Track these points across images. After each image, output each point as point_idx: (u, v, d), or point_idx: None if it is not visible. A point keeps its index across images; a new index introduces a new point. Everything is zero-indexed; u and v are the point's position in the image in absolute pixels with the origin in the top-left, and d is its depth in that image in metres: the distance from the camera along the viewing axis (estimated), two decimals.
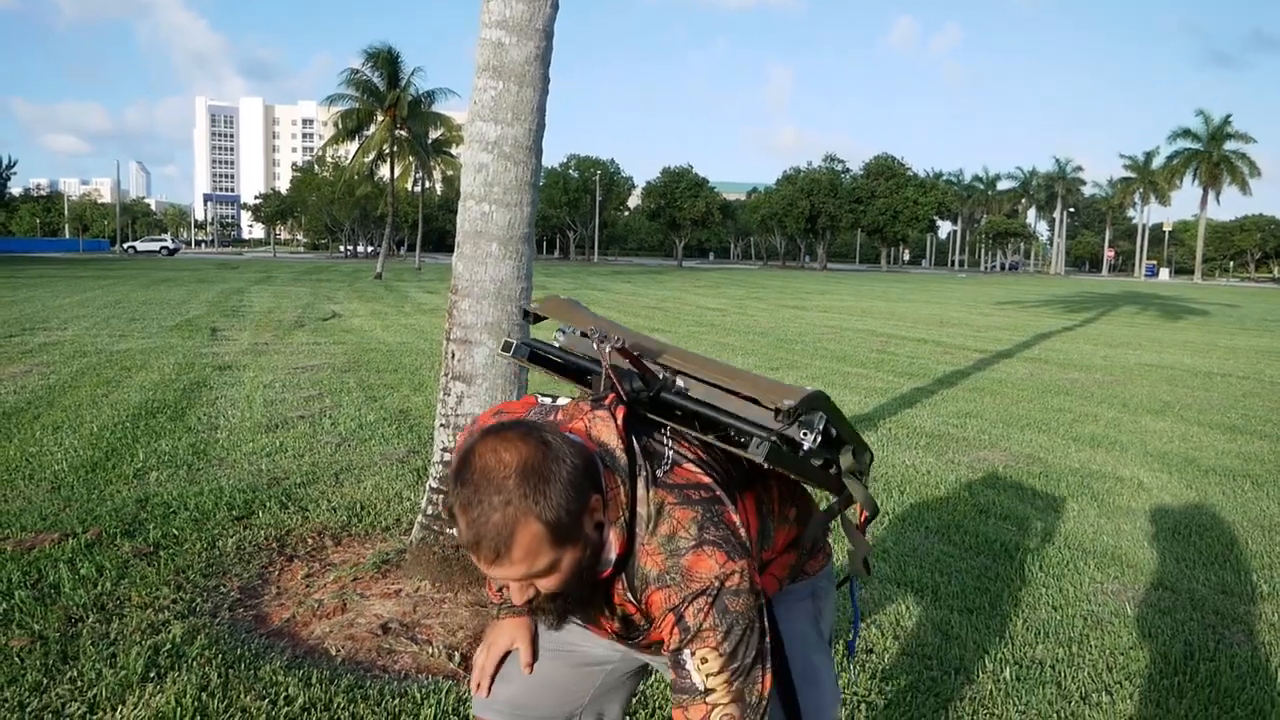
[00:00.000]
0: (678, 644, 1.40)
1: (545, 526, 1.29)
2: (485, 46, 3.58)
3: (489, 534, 1.27)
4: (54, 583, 3.64)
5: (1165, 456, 6.88)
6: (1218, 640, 3.57)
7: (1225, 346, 16.56)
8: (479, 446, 1.32)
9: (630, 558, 1.42)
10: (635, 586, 1.43)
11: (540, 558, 1.30)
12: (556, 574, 1.34)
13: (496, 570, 1.32)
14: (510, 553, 1.28)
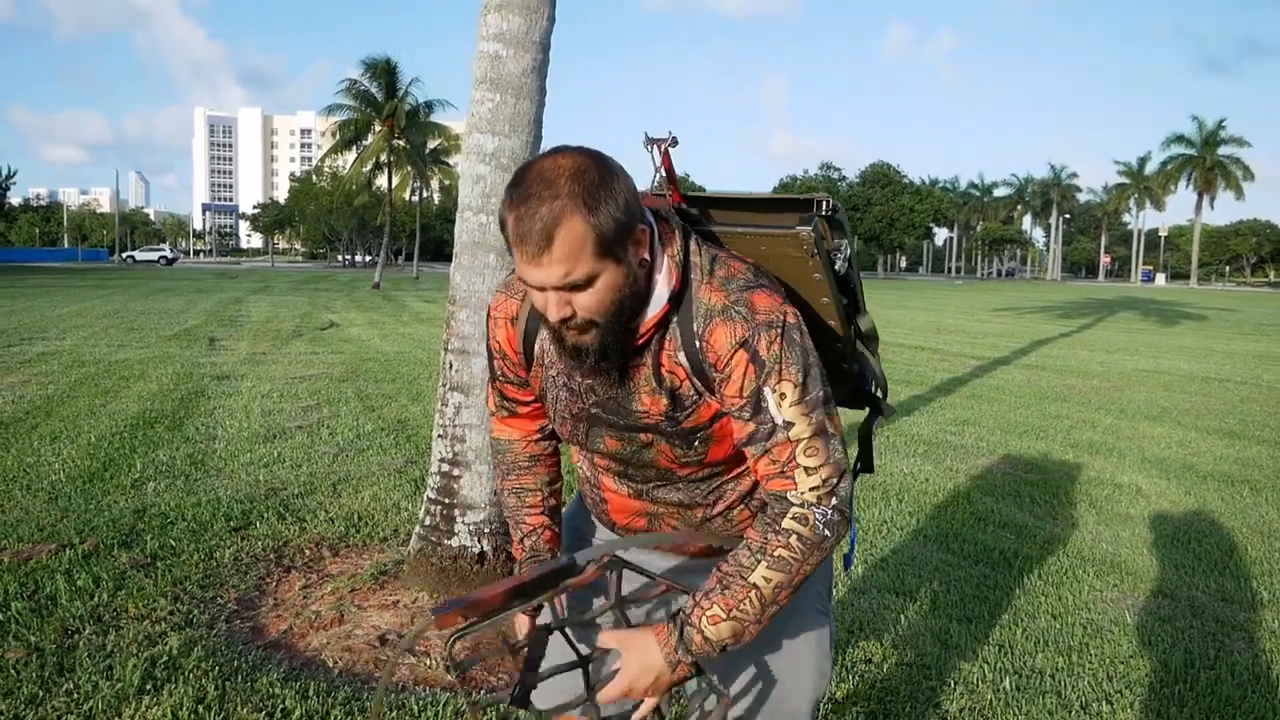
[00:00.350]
0: (754, 383, 1.37)
1: (591, 229, 1.27)
2: (483, 59, 3.58)
3: (535, 225, 1.26)
4: (51, 594, 3.63)
5: (1163, 462, 6.88)
6: (1218, 648, 3.57)
7: (1222, 351, 16.58)
8: (539, 158, 1.33)
9: (685, 291, 1.41)
10: (694, 332, 1.40)
11: (581, 263, 1.29)
12: (595, 291, 1.32)
13: (537, 271, 1.29)
14: (552, 247, 1.27)
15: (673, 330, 1.42)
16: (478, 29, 3.60)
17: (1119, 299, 40.99)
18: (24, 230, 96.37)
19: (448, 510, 3.68)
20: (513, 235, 1.30)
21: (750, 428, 1.39)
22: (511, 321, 1.56)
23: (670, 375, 1.44)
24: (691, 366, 1.42)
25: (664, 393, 1.45)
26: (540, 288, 1.32)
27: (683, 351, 1.42)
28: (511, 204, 1.29)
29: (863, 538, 4.80)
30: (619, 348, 1.40)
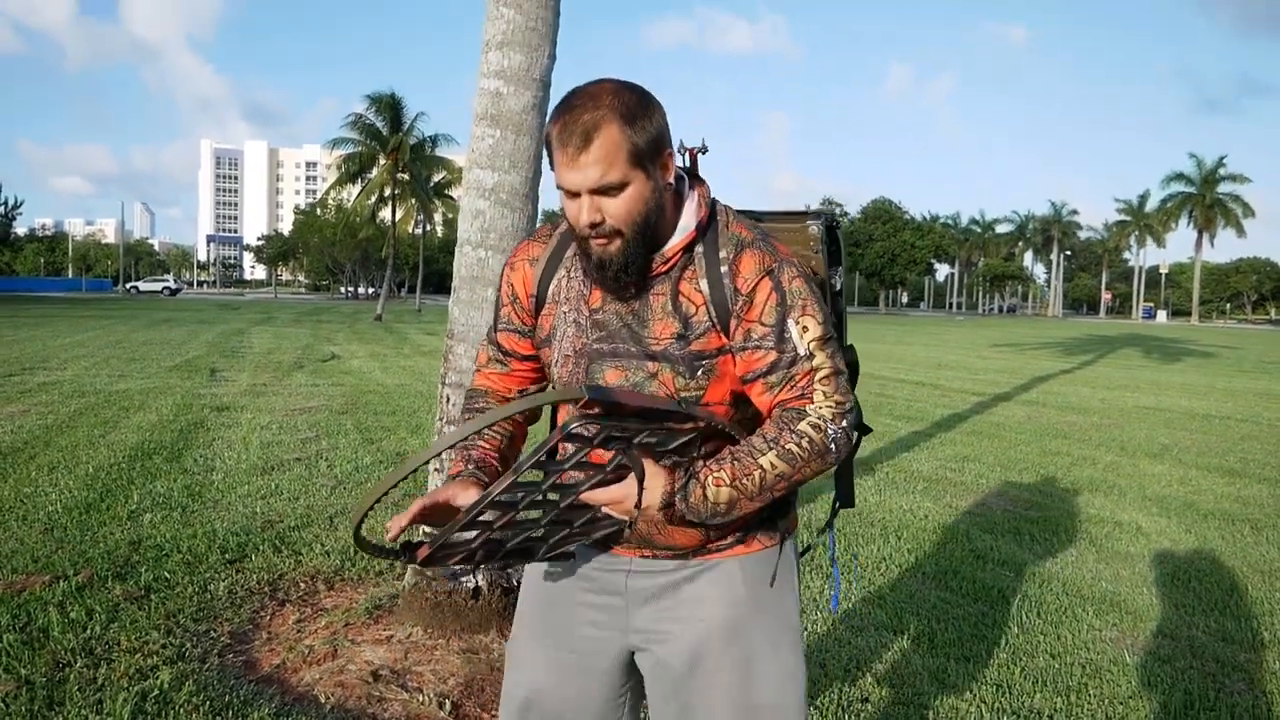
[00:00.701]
0: (777, 312, 1.48)
1: (626, 138, 1.40)
2: (484, 96, 3.62)
3: (577, 129, 1.39)
4: (43, 626, 3.61)
5: (1164, 500, 6.85)
6: (1218, 689, 3.54)
7: (1223, 389, 16.56)
8: (587, 83, 1.46)
9: (713, 224, 1.54)
10: (719, 259, 1.51)
11: (614, 167, 1.40)
12: (624, 199, 1.43)
13: (575, 173, 1.41)
14: (590, 148, 1.39)
15: (697, 259, 1.53)
16: (479, 66, 3.64)
17: (1120, 335, 41.02)
18: (29, 260, 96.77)
19: None
20: (556, 141, 1.42)
21: (773, 356, 1.48)
22: (531, 262, 1.65)
23: (687, 302, 1.52)
24: (711, 293, 1.51)
25: (678, 319, 1.52)
26: (575, 191, 1.43)
27: (705, 279, 1.51)
28: (556, 115, 1.43)
29: (861, 574, 4.77)
30: (639, 264, 1.49)
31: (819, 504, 5.95)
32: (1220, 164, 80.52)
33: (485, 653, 3.48)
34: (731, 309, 1.50)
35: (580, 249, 1.51)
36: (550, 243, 1.65)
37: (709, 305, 1.51)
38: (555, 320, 1.61)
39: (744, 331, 1.50)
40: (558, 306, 1.61)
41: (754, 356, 1.49)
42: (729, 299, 1.50)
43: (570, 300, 1.59)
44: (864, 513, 6.07)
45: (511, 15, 3.55)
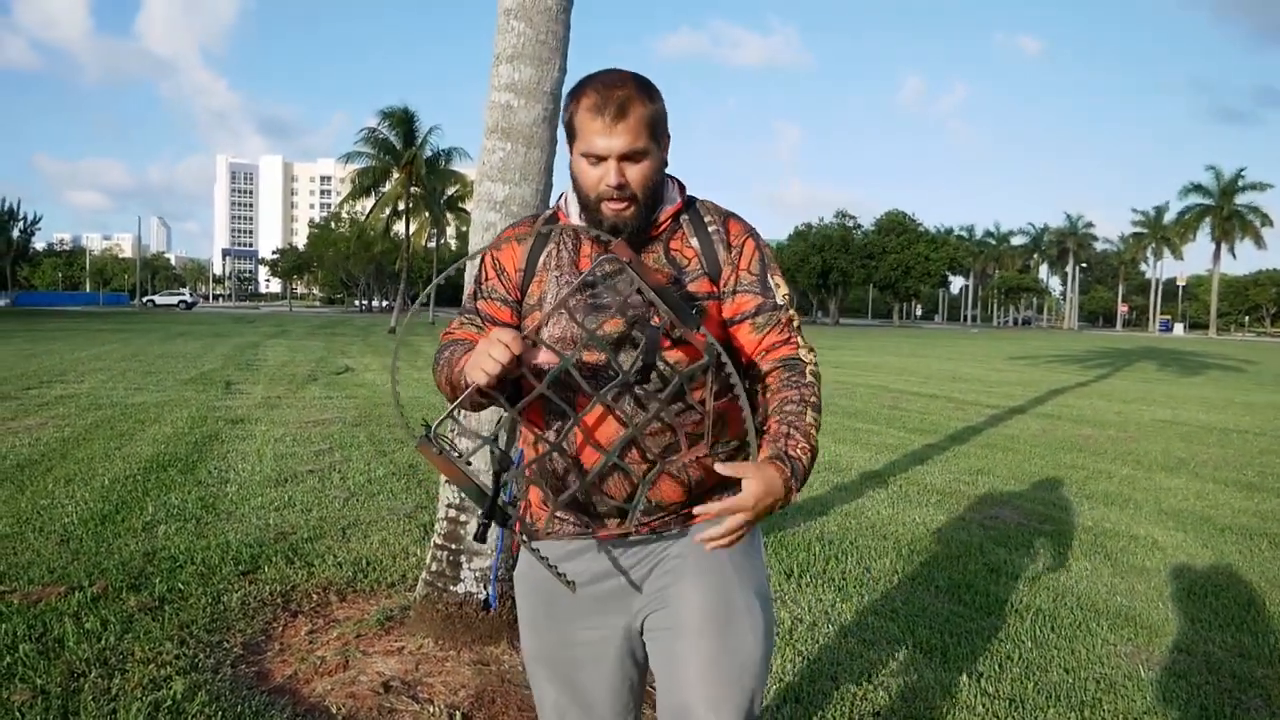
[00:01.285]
0: (761, 265, 1.77)
1: (649, 114, 1.65)
2: (494, 109, 3.65)
3: (614, 102, 1.62)
4: (58, 636, 3.63)
5: (1180, 515, 6.80)
6: (1234, 705, 3.50)
7: (1241, 402, 16.44)
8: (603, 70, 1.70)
9: (693, 201, 1.81)
10: (705, 223, 1.77)
11: (640, 138, 1.64)
12: (643, 167, 1.66)
13: (610, 139, 1.62)
14: (626, 119, 1.62)
15: (684, 224, 1.77)
16: (490, 79, 3.66)
17: (1137, 348, 40.78)
18: (47, 274, 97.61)
19: (454, 556, 3.67)
20: (589, 109, 1.63)
21: (759, 300, 1.75)
22: (519, 240, 1.82)
23: (679, 255, 1.75)
24: (703, 248, 1.76)
25: (671, 268, 1.74)
26: (605, 155, 1.63)
27: (695, 238, 1.76)
28: (588, 88, 1.65)
29: (873, 587, 4.75)
30: (643, 227, 1.71)
31: (824, 513, 5.93)
32: (1239, 176, 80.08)
33: (496, 664, 3.48)
34: (725, 259, 1.76)
35: (591, 215, 1.69)
36: (535, 225, 1.82)
37: (701, 257, 1.75)
38: (547, 285, 1.76)
39: (735, 278, 1.76)
40: (549, 274, 1.77)
41: (743, 299, 1.75)
42: (719, 253, 1.76)
43: (562, 267, 1.76)
44: (877, 526, 6.04)
45: (522, 29, 3.58)
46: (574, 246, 1.76)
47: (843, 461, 8.42)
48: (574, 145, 1.68)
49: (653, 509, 1.76)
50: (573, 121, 1.66)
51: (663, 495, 1.75)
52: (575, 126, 1.66)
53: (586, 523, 1.79)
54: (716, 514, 1.52)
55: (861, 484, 7.47)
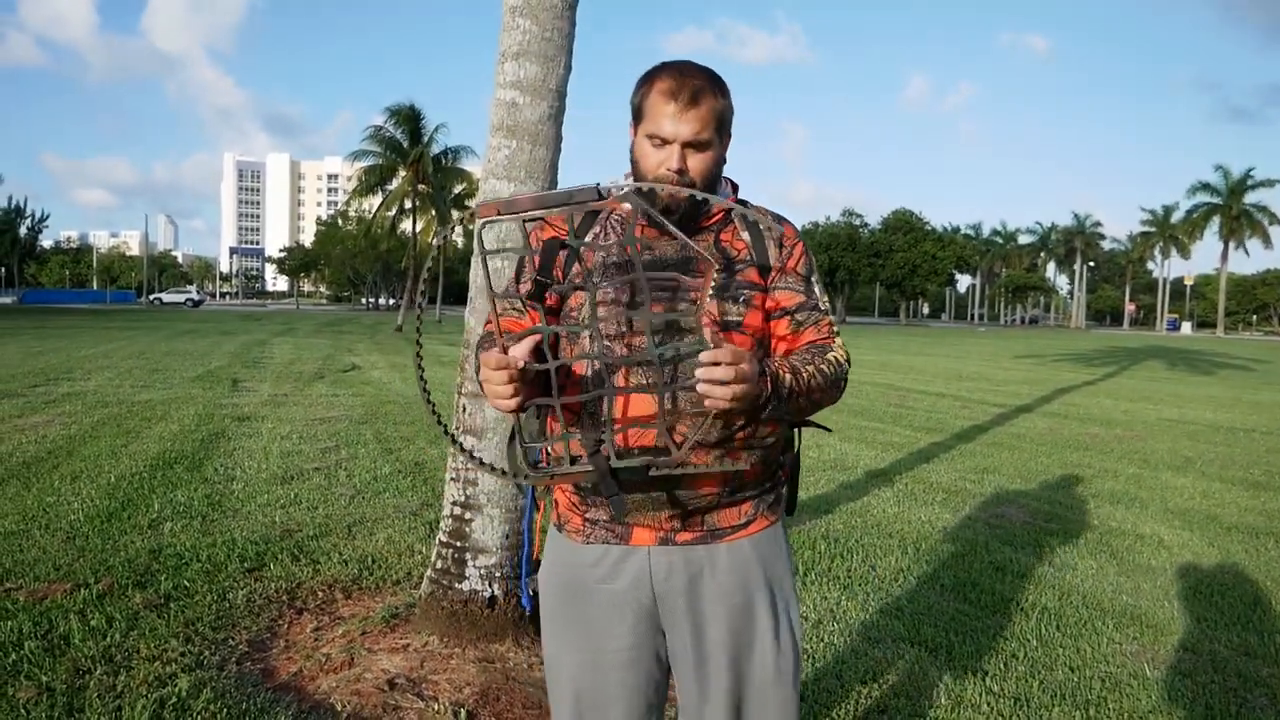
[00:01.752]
0: (808, 266, 1.82)
1: (720, 108, 1.69)
2: (499, 106, 3.65)
3: (689, 88, 1.66)
4: (64, 634, 3.64)
5: (1186, 513, 6.78)
6: (1240, 704, 3.49)
7: (1249, 401, 16.39)
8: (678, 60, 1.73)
9: (747, 202, 1.83)
10: (756, 220, 1.78)
11: (707, 128, 1.68)
12: (705, 157, 1.70)
13: (679, 124, 1.66)
14: (698, 107, 1.66)
15: (735, 219, 1.80)
16: (495, 77, 3.66)
17: (1144, 347, 40.67)
18: (54, 272, 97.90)
19: (459, 554, 3.68)
20: (663, 92, 1.67)
21: (802, 298, 1.79)
22: (566, 219, 1.78)
23: (730, 246, 1.78)
24: (753, 242, 1.79)
25: (722, 256, 1.77)
26: (671, 140, 1.67)
27: (746, 232, 1.80)
28: (663, 73, 1.70)
29: (878, 586, 4.75)
30: (694, 215, 1.74)
31: (830, 511, 5.93)
32: (1248, 175, 79.78)
33: (501, 662, 3.48)
34: (775, 256, 1.79)
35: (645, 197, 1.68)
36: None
37: (750, 249, 1.78)
38: (593, 265, 1.77)
39: (783, 275, 1.79)
40: (594, 254, 1.78)
41: (788, 295, 1.78)
42: (770, 249, 1.79)
43: (609, 248, 1.77)
44: (882, 524, 6.04)
45: (527, 26, 3.58)
46: (622, 229, 1.78)
47: (849, 460, 8.41)
48: (639, 127, 1.71)
49: (686, 499, 1.74)
50: (642, 104, 1.70)
51: (701, 484, 1.73)
52: (644, 109, 1.69)
53: (620, 533, 1.77)
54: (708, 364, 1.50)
55: (867, 482, 7.46)
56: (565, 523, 1.85)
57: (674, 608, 1.78)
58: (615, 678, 1.81)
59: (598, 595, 1.80)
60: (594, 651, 1.81)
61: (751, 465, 1.75)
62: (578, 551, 1.82)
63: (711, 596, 1.77)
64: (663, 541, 1.76)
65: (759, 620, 1.79)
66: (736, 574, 1.78)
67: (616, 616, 1.79)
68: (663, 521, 1.75)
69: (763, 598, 1.80)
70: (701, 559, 1.78)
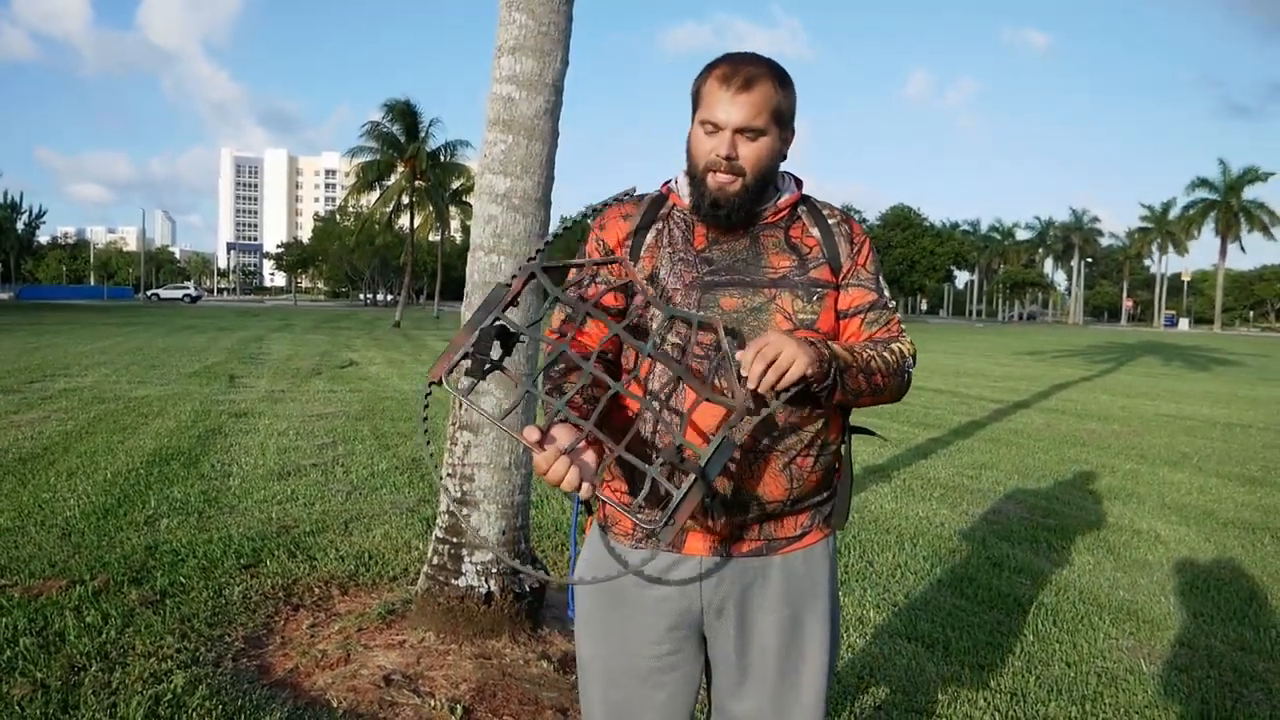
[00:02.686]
0: (875, 264, 1.80)
1: (776, 96, 1.65)
2: (496, 101, 3.63)
3: (743, 73, 1.63)
4: (59, 630, 3.63)
5: (1183, 509, 6.79)
6: (1235, 699, 3.49)
7: (1246, 397, 16.40)
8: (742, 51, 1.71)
9: (810, 198, 1.81)
10: (825, 217, 1.78)
11: (762, 114, 1.63)
12: (758, 146, 1.65)
13: (731, 108, 1.62)
14: (753, 91, 1.62)
15: (803, 215, 1.78)
16: (491, 71, 3.65)
17: (1141, 343, 40.69)
18: (51, 268, 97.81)
19: (455, 550, 3.67)
20: (719, 78, 1.64)
21: (873, 296, 1.77)
22: (625, 217, 1.79)
23: (800, 243, 1.75)
24: (824, 238, 1.76)
25: (793, 254, 1.74)
26: (723, 125, 1.63)
27: (816, 228, 1.77)
28: (724, 60, 1.67)
29: (876, 582, 4.75)
30: (748, 209, 1.69)
31: None
32: (1247, 172, 79.80)
33: (498, 658, 3.48)
34: (846, 253, 1.76)
35: (696, 186, 1.69)
36: (642, 204, 1.79)
37: (822, 246, 1.75)
38: (658, 262, 1.74)
39: (854, 272, 1.76)
40: (660, 250, 1.74)
41: (860, 293, 1.76)
42: (840, 245, 1.76)
43: (675, 243, 1.74)
44: (880, 520, 6.04)
45: (524, 20, 3.57)
46: (687, 225, 1.75)
47: None
48: (696, 114, 1.69)
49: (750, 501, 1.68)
50: (699, 90, 1.68)
51: (765, 490, 1.68)
52: (701, 95, 1.67)
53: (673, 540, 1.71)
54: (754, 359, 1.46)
55: (865, 478, 7.46)
56: (613, 524, 1.79)
57: (722, 618, 1.75)
58: (652, 682, 1.76)
59: (640, 599, 1.75)
60: (631, 656, 1.76)
61: (813, 472, 1.72)
62: (624, 554, 1.76)
63: (761, 607, 1.75)
64: (716, 552, 1.72)
65: (808, 634, 1.77)
66: (788, 587, 1.75)
67: (657, 622, 1.75)
68: (721, 528, 1.70)
69: (812, 612, 1.78)
70: (755, 571, 1.74)
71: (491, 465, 3.64)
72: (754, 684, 1.76)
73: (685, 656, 1.78)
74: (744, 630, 1.75)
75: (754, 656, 1.76)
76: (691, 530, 1.71)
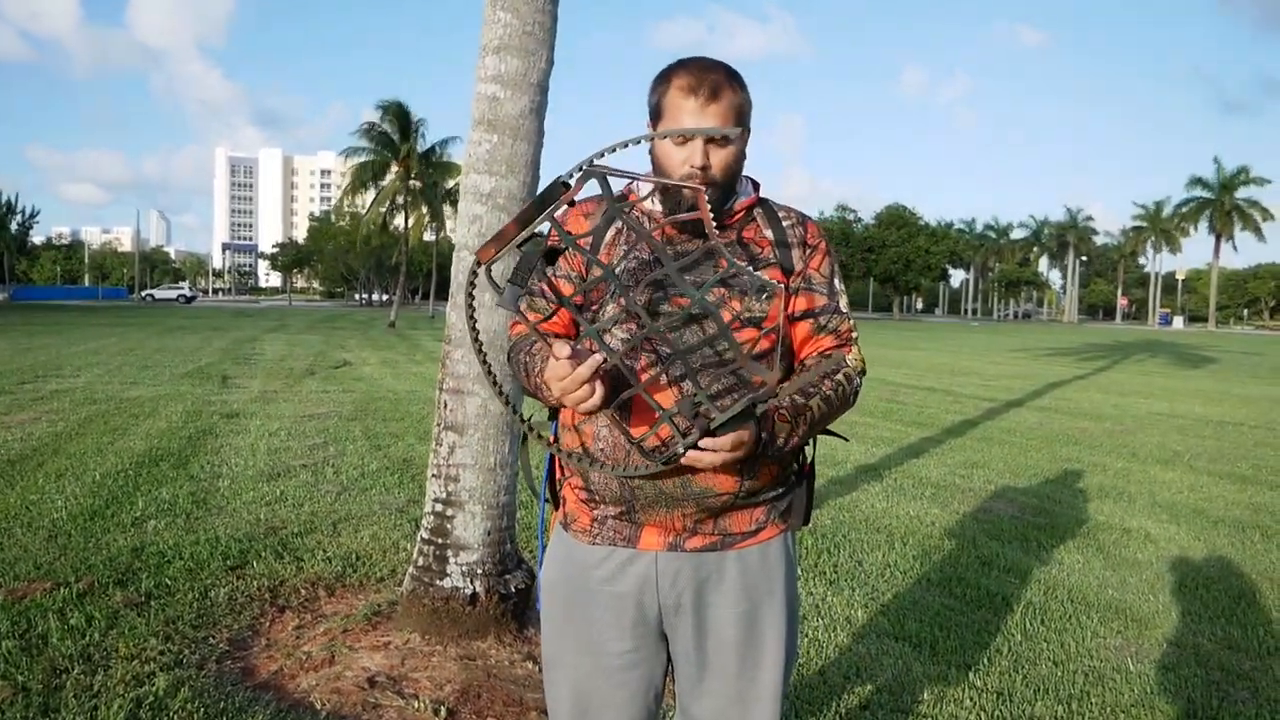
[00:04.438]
0: (831, 266, 1.81)
1: (740, 102, 1.68)
2: (481, 100, 3.62)
3: (708, 84, 1.64)
4: (42, 633, 3.62)
5: (1174, 507, 6.79)
6: (1222, 698, 3.49)
7: (1238, 395, 16.43)
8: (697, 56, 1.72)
9: (767, 200, 1.82)
10: (780, 219, 1.79)
11: (729, 123, 1.66)
12: (727, 152, 1.67)
13: (704, 118, 1.63)
14: (718, 102, 1.64)
15: (758, 217, 1.79)
16: (476, 71, 3.64)
17: (1136, 342, 40.76)
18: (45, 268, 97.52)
19: (440, 551, 3.66)
20: (682, 89, 1.65)
21: (824, 300, 1.78)
22: (585, 216, 1.80)
23: (753, 244, 1.77)
24: (776, 238, 1.78)
25: (744, 255, 1.76)
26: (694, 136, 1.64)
27: (769, 229, 1.78)
28: (681, 70, 1.67)
29: (865, 581, 4.74)
30: (715, 211, 1.70)
31: (817, 506, 5.91)
32: (1241, 172, 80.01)
33: (482, 659, 3.47)
34: (799, 256, 1.77)
35: (669, 196, 1.71)
36: (603, 203, 1.78)
37: (774, 247, 1.77)
38: (614, 259, 1.75)
39: (807, 276, 1.78)
40: (616, 249, 1.76)
41: (813, 296, 1.77)
42: (794, 247, 1.77)
43: (630, 243, 1.75)
44: (870, 519, 6.03)
45: (508, 19, 3.55)
46: (647, 224, 1.75)
47: (838, 455, 8.40)
48: (658, 126, 1.69)
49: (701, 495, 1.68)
50: (661, 102, 1.68)
51: (716, 483, 1.67)
52: (664, 107, 1.67)
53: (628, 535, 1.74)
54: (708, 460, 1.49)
55: (857, 477, 7.46)
56: (572, 521, 1.81)
57: (679, 614, 1.76)
58: (615, 680, 1.78)
59: (600, 597, 1.76)
60: (594, 654, 1.78)
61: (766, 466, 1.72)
62: (583, 551, 1.78)
63: (718, 603, 1.75)
64: (671, 547, 1.73)
65: (765, 629, 1.78)
66: (745, 582, 1.76)
67: (618, 619, 1.76)
68: (675, 522, 1.71)
69: (770, 607, 1.78)
70: (710, 567, 1.75)
71: (477, 466, 3.63)
72: (714, 679, 1.78)
73: (646, 655, 1.79)
74: (701, 625, 1.76)
75: (712, 652, 1.77)
76: (648, 523, 1.72)
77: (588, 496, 1.76)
